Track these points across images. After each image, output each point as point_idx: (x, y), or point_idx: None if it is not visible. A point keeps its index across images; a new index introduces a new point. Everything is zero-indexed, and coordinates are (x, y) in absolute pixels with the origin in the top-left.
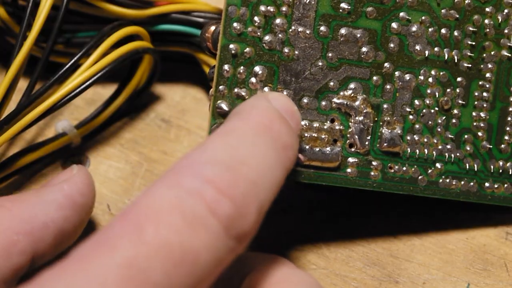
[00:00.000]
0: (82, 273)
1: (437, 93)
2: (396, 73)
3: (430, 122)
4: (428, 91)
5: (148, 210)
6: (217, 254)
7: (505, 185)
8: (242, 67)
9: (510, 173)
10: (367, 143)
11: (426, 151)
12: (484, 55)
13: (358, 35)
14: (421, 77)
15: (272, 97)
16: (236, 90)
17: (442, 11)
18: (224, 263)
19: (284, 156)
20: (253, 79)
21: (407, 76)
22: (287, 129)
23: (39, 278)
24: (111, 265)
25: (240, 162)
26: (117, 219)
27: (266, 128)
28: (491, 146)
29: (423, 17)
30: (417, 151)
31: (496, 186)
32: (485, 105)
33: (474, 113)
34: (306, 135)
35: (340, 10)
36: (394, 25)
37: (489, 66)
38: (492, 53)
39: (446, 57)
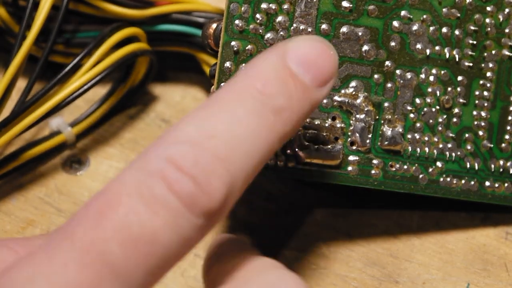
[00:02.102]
0: (46, 262)
1: (438, 92)
2: (397, 71)
3: (431, 121)
4: (429, 89)
5: (109, 195)
6: (180, 233)
7: (506, 184)
8: (244, 64)
9: (511, 172)
10: (368, 141)
11: (427, 149)
12: (485, 54)
13: (360, 33)
14: (422, 76)
15: (292, 47)
16: None
17: (444, 10)
18: (192, 241)
19: (274, 122)
20: None
21: (408, 75)
22: (286, 89)
23: (6, 269)
24: (71, 251)
25: (210, 135)
26: (81, 207)
27: (254, 92)
28: (492, 145)
29: (424, 16)
30: (418, 149)
31: (496, 185)
32: (486, 104)
33: (475, 112)
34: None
35: (342, 8)
36: (395, 23)
37: (490, 65)
38: (493, 52)
39: (447, 56)
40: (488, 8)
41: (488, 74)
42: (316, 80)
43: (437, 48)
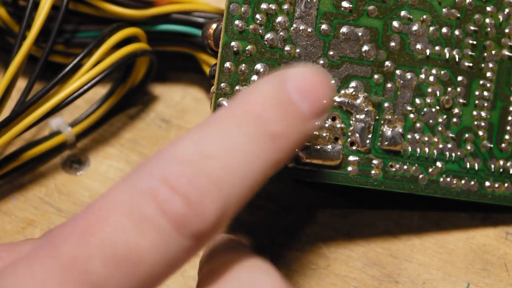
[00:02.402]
0: (27, 275)
1: (438, 92)
2: (397, 71)
3: (431, 121)
4: (429, 90)
5: (98, 212)
6: (167, 254)
7: (506, 185)
8: (243, 65)
9: (511, 172)
10: (368, 141)
11: (427, 150)
12: (485, 54)
13: (360, 34)
14: (422, 76)
15: (292, 75)
16: (237, 87)
17: (443, 10)
18: (179, 263)
19: (270, 147)
20: (254, 77)
21: (408, 75)
22: (283, 116)
23: None
24: (53, 267)
25: (206, 156)
26: (69, 220)
27: (253, 116)
28: (491, 145)
29: (424, 16)
30: (418, 149)
31: (496, 185)
32: (486, 104)
33: (475, 112)
34: None
35: (342, 9)
36: (395, 23)
37: (490, 65)
38: (493, 52)
39: (447, 56)
40: (488, 8)
41: (488, 74)
42: (313, 110)
43: (437, 48)
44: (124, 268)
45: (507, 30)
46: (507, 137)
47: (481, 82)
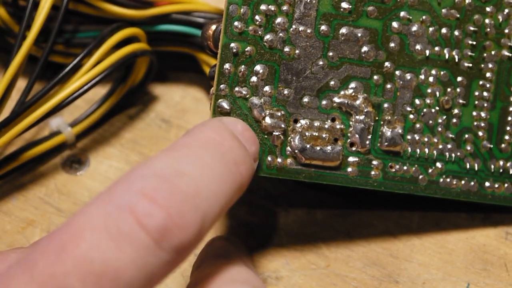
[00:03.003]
0: None
1: (437, 93)
2: (397, 72)
3: (430, 122)
4: (429, 90)
5: (75, 228)
6: (146, 269)
7: (506, 185)
8: (243, 66)
9: (511, 172)
10: (368, 142)
11: (426, 150)
12: (485, 54)
13: (359, 34)
14: (422, 77)
15: (228, 121)
16: (237, 88)
17: (443, 10)
18: (159, 277)
19: (234, 171)
20: (254, 78)
21: (408, 76)
22: (239, 146)
23: None
24: (29, 284)
25: (181, 173)
26: (47, 236)
27: (216, 143)
28: (491, 146)
29: (423, 17)
30: (418, 150)
31: (496, 185)
32: (485, 105)
33: (474, 113)
34: (307, 134)
35: (341, 9)
36: (394, 24)
37: (490, 65)
38: (493, 52)
39: (446, 57)
40: (488, 9)
41: (488, 74)
42: (251, 151)
43: (436, 48)
44: (101, 285)
45: (506, 31)
46: (507, 137)
47: (480, 82)
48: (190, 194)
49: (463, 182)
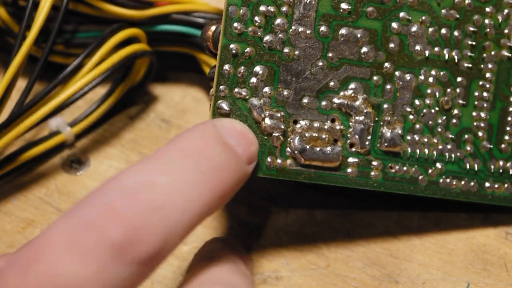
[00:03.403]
0: None
1: (437, 93)
2: (397, 73)
3: (430, 122)
4: (429, 91)
5: (38, 245)
6: (111, 282)
7: (506, 185)
8: (242, 67)
9: (511, 173)
10: (367, 143)
11: (426, 151)
12: (485, 55)
13: (359, 35)
14: (422, 77)
15: (221, 123)
16: (236, 90)
17: (443, 11)
18: None
19: (213, 178)
20: (253, 79)
21: (408, 76)
22: (224, 151)
23: None
24: None
25: (149, 184)
26: (10, 256)
27: (196, 150)
28: (491, 146)
29: (423, 17)
30: (418, 151)
31: (496, 186)
32: (485, 105)
33: (474, 113)
34: (306, 135)
35: (341, 10)
36: (394, 25)
37: (490, 66)
38: (493, 53)
39: (446, 57)
40: (487, 9)
41: (488, 75)
42: (246, 153)
43: (436, 49)
44: None
45: (506, 31)
46: (506, 137)
47: (480, 82)
48: (156, 205)
49: (463, 182)
